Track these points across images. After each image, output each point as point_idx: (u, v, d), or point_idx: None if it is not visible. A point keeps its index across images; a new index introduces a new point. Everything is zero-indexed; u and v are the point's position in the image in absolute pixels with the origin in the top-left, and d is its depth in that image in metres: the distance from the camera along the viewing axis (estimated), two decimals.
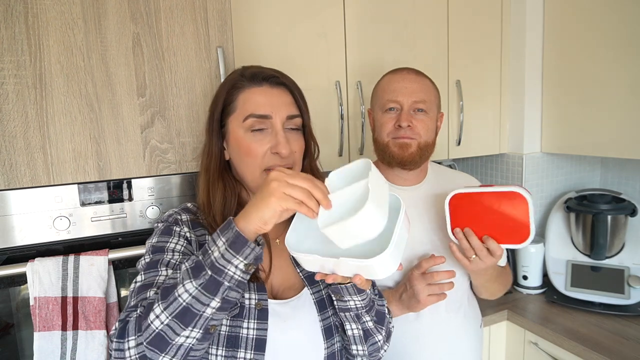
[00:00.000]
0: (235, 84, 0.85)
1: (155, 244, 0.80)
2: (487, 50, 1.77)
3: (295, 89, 0.87)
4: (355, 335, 0.84)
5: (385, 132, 1.12)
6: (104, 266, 1.00)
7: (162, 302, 0.66)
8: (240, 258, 0.65)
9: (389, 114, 1.11)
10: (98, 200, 1.03)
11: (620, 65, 1.50)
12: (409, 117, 1.09)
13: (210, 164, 0.87)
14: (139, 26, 1.02)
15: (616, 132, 1.54)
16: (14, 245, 0.97)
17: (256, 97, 0.83)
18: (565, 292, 1.64)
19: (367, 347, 0.86)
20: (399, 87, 1.10)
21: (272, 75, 0.85)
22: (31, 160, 0.95)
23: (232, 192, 0.86)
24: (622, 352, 1.31)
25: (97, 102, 1.00)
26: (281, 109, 0.83)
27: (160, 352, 0.65)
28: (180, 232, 0.82)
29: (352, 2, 1.48)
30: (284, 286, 0.87)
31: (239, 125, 0.83)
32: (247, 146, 0.82)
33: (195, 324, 0.65)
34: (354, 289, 0.79)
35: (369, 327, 0.85)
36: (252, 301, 0.80)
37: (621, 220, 1.61)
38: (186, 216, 0.86)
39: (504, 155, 1.89)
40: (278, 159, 0.82)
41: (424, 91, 1.11)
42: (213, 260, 0.65)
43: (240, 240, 0.65)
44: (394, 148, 1.11)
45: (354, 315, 0.82)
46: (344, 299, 0.80)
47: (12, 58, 0.92)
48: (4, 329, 1.01)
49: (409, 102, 1.09)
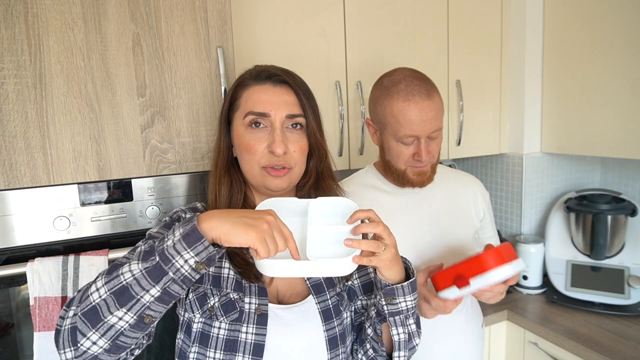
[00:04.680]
0: (242, 81, 0.86)
1: (152, 233, 0.81)
2: (487, 50, 1.77)
3: (301, 89, 0.85)
4: (401, 341, 0.82)
5: (401, 161, 1.08)
6: (104, 266, 1.00)
7: (106, 276, 0.65)
8: (192, 253, 0.62)
9: (404, 146, 1.07)
10: (98, 200, 1.03)
11: (620, 65, 1.50)
12: (427, 149, 1.05)
13: (219, 159, 0.88)
14: (139, 26, 1.02)
15: (616, 132, 1.54)
16: (14, 245, 0.97)
17: (257, 95, 0.83)
18: (565, 292, 1.64)
19: (408, 352, 0.84)
20: (415, 120, 1.02)
21: (275, 73, 0.84)
22: (31, 160, 0.95)
23: (238, 188, 0.87)
24: (622, 352, 1.31)
25: (97, 102, 1.00)
26: (281, 107, 0.82)
27: (91, 327, 0.63)
28: None
29: (352, 2, 1.48)
30: (290, 292, 0.86)
31: (240, 122, 0.84)
32: (247, 143, 0.83)
33: (131, 308, 0.63)
34: (409, 288, 0.78)
35: (411, 330, 0.83)
36: (252, 305, 0.80)
37: (621, 220, 1.61)
38: (190, 214, 0.86)
39: (504, 155, 1.89)
40: (274, 158, 0.81)
41: (438, 116, 1.05)
42: (164, 247, 0.63)
43: (195, 235, 0.63)
44: (413, 176, 1.09)
45: (403, 317, 0.81)
46: (395, 301, 0.78)
47: (12, 58, 0.92)
48: (4, 329, 1.01)
49: (426, 134, 1.04)
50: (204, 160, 1.11)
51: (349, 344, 0.89)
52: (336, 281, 0.89)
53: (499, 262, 0.90)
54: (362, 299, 0.91)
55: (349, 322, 0.89)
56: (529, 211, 1.86)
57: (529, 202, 1.85)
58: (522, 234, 1.86)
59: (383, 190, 1.15)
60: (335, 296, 0.87)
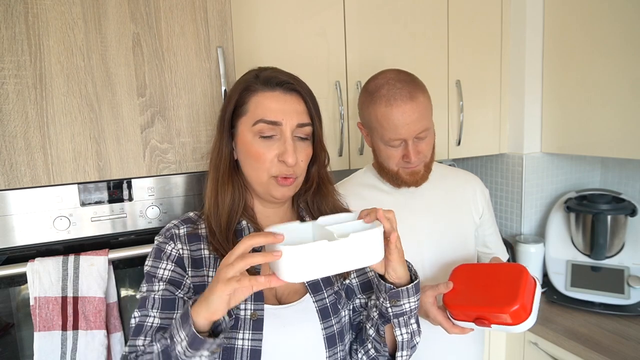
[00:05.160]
0: (249, 86, 0.84)
1: (148, 271, 0.82)
2: (487, 50, 1.77)
3: (309, 96, 0.85)
4: (404, 340, 0.83)
5: (392, 162, 1.09)
6: (104, 266, 1.00)
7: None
8: (203, 352, 0.67)
9: (393, 148, 1.07)
10: (98, 200, 1.03)
11: (620, 65, 1.50)
12: (415, 150, 1.05)
13: (220, 163, 0.86)
14: (139, 26, 1.02)
15: (616, 132, 1.54)
16: (14, 245, 0.97)
17: (268, 102, 0.81)
18: (565, 292, 1.64)
19: (410, 351, 0.86)
20: (399, 123, 1.02)
21: (286, 81, 0.83)
22: (31, 160, 0.95)
23: (240, 194, 0.86)
24: (622, 352, 1.31)
25: (97, 102, 1.00)
26: (292, 116, 0.81)
27: None
28: (171, 253, 0.83)
29: (352, 2, 1.48)
30: (288, 290, 0.86)
31: (248, 129, 0.82)
32: (256, 151, 0.81)
33: None
34: (414, 289, 0.79)
35: (413, 330, 0.84)
36: (248, 312, 0.80)
37: (621, 220, 1.61)
38: (184, 229, 0.86)
39: (504, 155, 1.89)
40: (284, 167, 0.81)
41: (424, 117, 1.04)
42: (177, 354, 0.67)
43: (198, 341, 0.65)
44: (406, 176, 1.10)
45: (406, 318, 0.81)
46: (400, 302, 0.79)
47: (12, 58, 0.92)
48: (4, 329, 1.01)
49: (412, 136, 1.04)
50: (204, 160, 1.11)
51: (347, 343, 0.89)
52: (333, 280, 0.89)
53: (524, 317, 0.89)
54: (360, 297, 0.91)
55: (347, 321, 0.89)
56: (529, 211, 1.86)
57: (529, 202, 1.85)
58: (522, 234, 1.86)
59: (382, 189, 1.16)
60: (333, 294, 0.87)
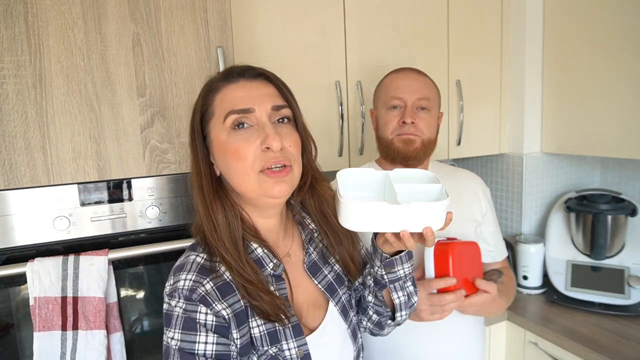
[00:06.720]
0: (210, 87, 0.77)
1: (181, 348, 0.68)
2: (487, 50, 1.77)
3: (277, 80, 0.78)
4: (402, 302, 0.86)
5: (389, 129, 1.14)
6: (103, 266, 1.00)
7: None
8: None
9: (392, 111, 1.14)
10: (98, 200, 1.03)
11: (620, 65, 1.50)
12: (412, 114, 1.11)
13: (203, 183, 0.76)
14: (139, 26, 1.02)
15: (616, 132, 1.54)
16: (14, 245, 0.97)
17: (233, 93, 0.74)
18: (565, 292, 1.64)
19: (408, 310, 0.88)
20: (402, 85, 1.13)
21: (247, 68, 0.77)
22: (31, 160, 0.95)
23: (232, 212, 0.76)
24: (622, 352, 1.31)
25: (97, 102, 1.00)
26: (264, 99, 0.74)
27: None
28: (206, 320, 0.70)
29: (352, 2, 1.48)
30: (308, 303, 0.83)
31: (220, 128, 0.74)
32: (234, 147, 0.72)
33: None
34: (407, 256, 0.80)
35: (410, 291, 0.86)
36: (293, 351, 0.75)
37: (621, 220, 1.61)
38: (209, 283, 0.72)
39: (504, 155, 1.89)
40: (271, 156, 0.72)
41: (427, 89, 1.14)
42: None
43: None
44: (399, 144, 1.12)
45: (402, 282, 0.83)
46: (394, 269, 0.80)
47: (12, 58, 0.92)
48: (3, 329, 1.01)
49: (412, 99, 1.12)
50: None
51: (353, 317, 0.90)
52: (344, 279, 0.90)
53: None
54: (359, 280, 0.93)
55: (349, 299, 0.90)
56: (529, 211, 1.86)
57: (529, 202, 1.85)
58: (522, 234, 1.86)
59: None
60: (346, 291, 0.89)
